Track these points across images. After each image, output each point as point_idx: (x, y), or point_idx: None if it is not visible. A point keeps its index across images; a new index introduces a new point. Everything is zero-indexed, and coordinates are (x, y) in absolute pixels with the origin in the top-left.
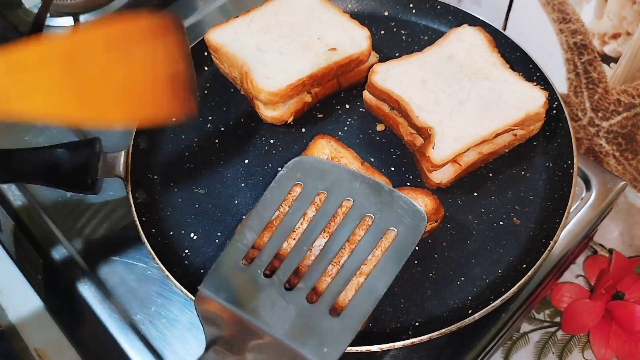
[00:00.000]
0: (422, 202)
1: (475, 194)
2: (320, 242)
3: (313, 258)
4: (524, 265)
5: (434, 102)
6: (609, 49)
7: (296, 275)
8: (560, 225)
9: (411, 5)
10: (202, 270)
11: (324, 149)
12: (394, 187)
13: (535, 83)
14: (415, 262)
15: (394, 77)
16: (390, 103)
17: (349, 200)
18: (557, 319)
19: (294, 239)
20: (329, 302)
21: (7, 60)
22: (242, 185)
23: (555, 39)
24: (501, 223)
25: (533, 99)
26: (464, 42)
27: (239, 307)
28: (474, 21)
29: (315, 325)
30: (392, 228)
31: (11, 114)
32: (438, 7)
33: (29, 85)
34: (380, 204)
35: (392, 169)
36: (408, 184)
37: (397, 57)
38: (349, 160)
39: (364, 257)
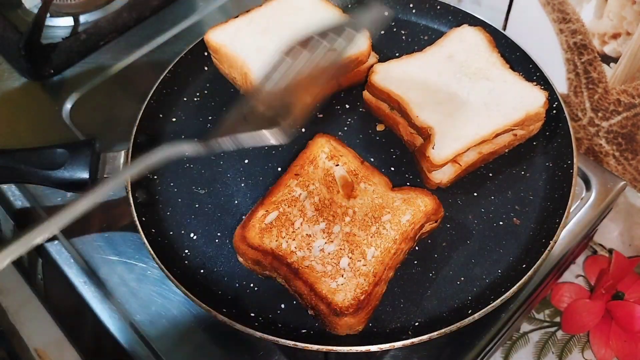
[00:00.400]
0: (422, 202)
1: (475, 194)
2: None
3: None
4: (524, 265)
5: (434, 102)
6: (609, 49)
7: None
8: (560, 225)
9: (411, 5)
10: (202, 270)
11: (324, 148)
12: (394, 186)
13: (535, 83)
14: (415, 262)
15: (394, 77)
16: (390, 103)
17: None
18: (557, 319)
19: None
20: None
21: None
22: (242, 185)
23: (555, 39)
24: (501, 223)
25: (533, 99)
26: (464, 42)
27: None
28: (474, 21)
29: None
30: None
31: None
32: (438, 7)
33: None
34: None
35: (392, 169)
36: (408, 184)
37: (397, 57)
38: (349, 159)
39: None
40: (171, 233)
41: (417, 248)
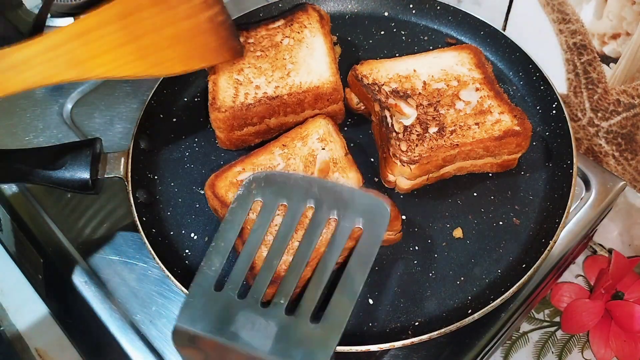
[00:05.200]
0: None
1: (475, 194)
2: (288, 254)
3: (284, 271)
4: (524, 265)
5: None
6: (608, 50)
7: (270, 290)
8: (560, 225)
9: (411, 6)
10: None
11: (319, 129)
12: (365, 185)
13: (535, 83)
14: (415, 262)
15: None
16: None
17: (311, 207)
18: (557, 319)
19: (262, 254)
20: (307, 310)
21: (73, 28)
22: None
23: (555, 39)
24: (501, 223)
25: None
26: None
27: (219, 334)
28: (474, 21)
29: (299, 336)
30: (357, 226)
31: (84, 75)
32: (438, 7)
33: (94, 45)
34: (342, 204)
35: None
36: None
37: (398, 57)
38: (336, 147)
39: (335, 259)
40: (172, 233)
41: (417, 248)
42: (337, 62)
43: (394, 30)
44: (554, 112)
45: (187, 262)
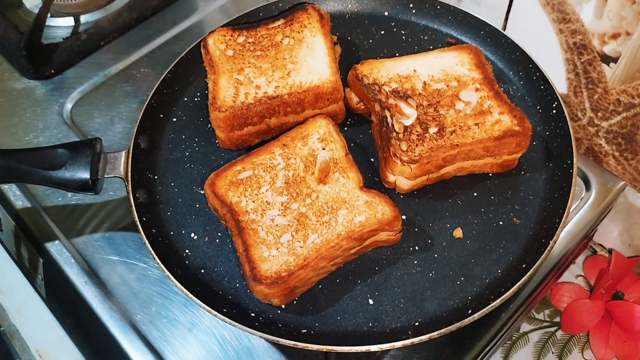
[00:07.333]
0: (381, 210)
1: (475, 194)
2: None
3: None
4: (524, 265)
5: None
6: (608, 49)
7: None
8: (560, 225)
9: (411, 6)
10: (202, 270)
11: (319, 129)
12: (364, 186)
13: (535, 83)
14: (415, 262)
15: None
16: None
17: None
18: (557, 319)
19: None
20: None
21: None
22: None
23: (555, 39)
24: (501, 223)
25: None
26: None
27: None
28: (474, 21)
29: None
30: None
31: None
32: (438, 7)
33: None
34: None
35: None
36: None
37: (397, 56)
38: (337, 147)
39: None
40: (172, 233)
41: (417, 248)
42: (337, 62)
43: (394, 30)
44: (554, 112)
45: (187, 262)
